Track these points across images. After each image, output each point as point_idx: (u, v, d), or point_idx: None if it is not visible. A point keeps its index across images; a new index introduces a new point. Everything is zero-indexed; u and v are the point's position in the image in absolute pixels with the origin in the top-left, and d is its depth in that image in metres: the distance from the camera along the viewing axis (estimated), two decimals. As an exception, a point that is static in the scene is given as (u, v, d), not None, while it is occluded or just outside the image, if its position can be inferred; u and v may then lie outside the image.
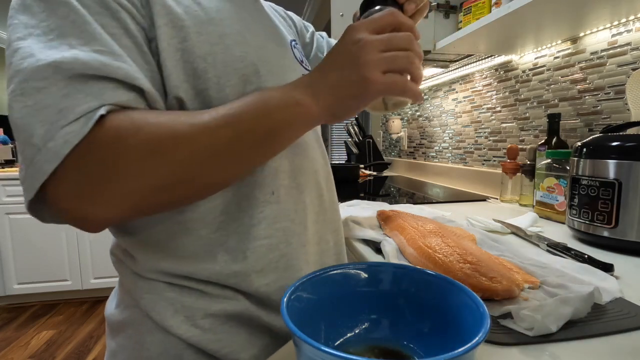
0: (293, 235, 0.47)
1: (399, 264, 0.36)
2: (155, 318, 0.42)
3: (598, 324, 0.38)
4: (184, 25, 0.39)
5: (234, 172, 0.39)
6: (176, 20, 0.38)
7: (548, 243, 0.63)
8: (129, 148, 0.32)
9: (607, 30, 0.88)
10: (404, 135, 2.12)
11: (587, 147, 0.67)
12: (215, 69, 0.40)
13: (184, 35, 0.38)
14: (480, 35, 1.00)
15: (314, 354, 0.22)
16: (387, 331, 0.34)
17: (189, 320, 0.42)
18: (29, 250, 2.30)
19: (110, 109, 0.32)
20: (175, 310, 0.42)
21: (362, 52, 0.37)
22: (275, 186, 0.45)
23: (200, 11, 0.41)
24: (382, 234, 0.68)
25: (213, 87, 0.40)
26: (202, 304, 0.42)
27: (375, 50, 0.37)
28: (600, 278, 0.48)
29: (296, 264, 0.47)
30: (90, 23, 0.33)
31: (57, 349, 1.92)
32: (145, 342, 0.42)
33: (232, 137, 0.36)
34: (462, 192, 1.34)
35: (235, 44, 0.42)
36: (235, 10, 0.45)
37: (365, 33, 0.38)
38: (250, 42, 0.44)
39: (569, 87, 1.00)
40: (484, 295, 0.41)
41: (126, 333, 0.44)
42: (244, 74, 0.42)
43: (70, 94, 0.31)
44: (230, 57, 0.41)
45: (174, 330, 0.41)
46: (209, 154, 0.35)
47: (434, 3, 1.20)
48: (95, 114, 0.31)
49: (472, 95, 1.46)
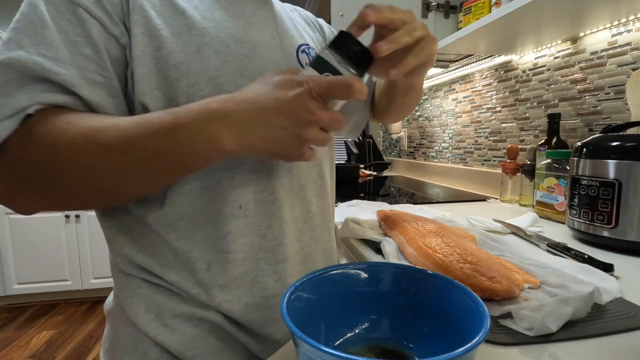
0: (264, 251, 0.46)
1: (399, 264, 0.36)
2: (128, 313, 0.44)
3: (598, 324, 0.38)
4: (160, 35, 0.40)
5: (137, 189, 0.39)
6: (153, 30, 0.39)
7: (548, 243, 0.63)
8: (39, 148, 0.34)
9: (607, 30, 0.88)
10: (404, 135, 2.12)
11: (587, 147, 0.67)
12: (188, 77, 0.40)
13: (159, 44, 0.40)
14: (480, 35, 1.00)
15: (314, 354, 0.22)
16: (387, 331, 0.34)
17: (159, 318, 0.43)
18: (29, 250, 2.30)
19: (39, 108, 0.35)
20: (147, 308, 0.44)
21: (308, 130, 0.36)
22: (243, 200, 0.44)
23: (182, 21, 0.41)
24: (382, 234, 0.68)
25: (183, 95, 0.40)
26: (172, 304, 0.44)
27: (317, 131, 0.37)
28: (600, 278, 0.48)
29: (263, 282, 0.45)
30: (48, 27, 0.35)
31: (57, 349, 1.92)
32: (119, 335, 0.46)
33: (129, 162, 0.35)
34: (462, 192, 1.34)
35: (214, 53, 0.42)
36: (225, 18, 0.45)
37: (318, 103, 0.35)
38: (234, 50, 0.44)
39: (569, 87, 1.00)
40: (484, 295, 0.41)
41: (110, 323, 0.49)
42: (217, 84, 0.42)
43: (8, 92, 0.34)
44: (205, 66, 0.41)
45: (143, 326, 0.43)
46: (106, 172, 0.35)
47: (434, 3, 1.20)
48: (25, 111, 0.34)
49: (472, 95, 1.46)
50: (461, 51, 1.21)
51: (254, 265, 0.45)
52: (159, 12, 0.40)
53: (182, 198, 0.43)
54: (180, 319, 0.44)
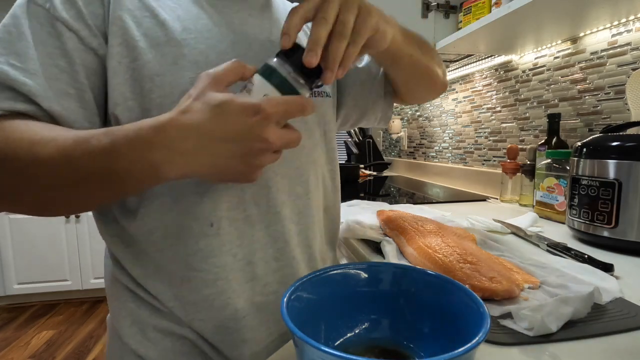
0: (236, 271, 0.44)
1: (399, 264, 0.36)
2: (115, 325, 0.46)
3: (598, 324, 0.38)
4: (137, 46, 0.39)
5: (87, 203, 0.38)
6: (130, 41, 0.39)
7: (548, 243, 0.63)
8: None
9: (607, 30, 0.88)
10: (404, 135, 2.12)
11: (587, 147, 0.67)
12: (162, 89, 0.40)
13: (136, 55, 0.39)
14: (480, 35, 1.00)
15: (314, 354, 0.22)
16: (387, 331, 0.34)
17: (142, 332, 0.44)
18: (29, 250, 2.30)
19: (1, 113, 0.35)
20: (132, 321, 0.45)
21: (259, 158, 0.34)
22: (215, 218, 0.42)
23: (161, 32, 0.40)
24: (382, 234, 0.68)
25: (155, 107, 0.40)
26: (154, 319, 0.44)
27: (269, 155, 0.35)
28: (600, 278, 0.48)
29: (234, 304, 0.44)
30: (24, 39, 0.37)
31: (57, 349, 1.92)
32: (110, 345, 0.48)
33: (65, 179, 0.34)
34: (462, 192, 1.34)
35: (191, 64, 0.41)
36: (210, 28, 0.43)
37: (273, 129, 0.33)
38: (213, 62, 0.41)
39: (569, 87, 1.00)
40: (484, 295, 0.41)
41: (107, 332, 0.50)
42: None
43: None
44: (180, 78, 0.40)
45: (127, 339, 0.44)
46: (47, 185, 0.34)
47: (434, 3, 1.20)
48: None
49: (472, 95, 1.46)
50: (461, 51, 1.21)
51: (226, 287, 0.43)
52: (139, 23, 0.40)
53: (153, 212, 0.42)
54: (162, 333, 0.44)
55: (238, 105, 0.32)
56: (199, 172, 0.34)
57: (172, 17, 0.42)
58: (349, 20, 0.36)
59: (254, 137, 0.33)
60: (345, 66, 0.37)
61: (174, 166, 0.32)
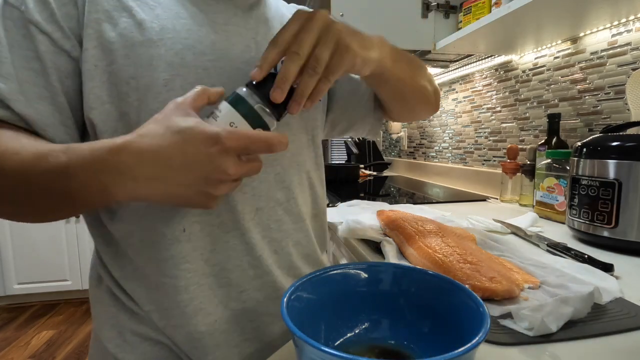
0: (208, 276, 0.43)
1: (399, 264, 0.36)
2: (96, 328, 0.46)
3: (598, 324, 0.38)
4: (113, 49, 0.38)
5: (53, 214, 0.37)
6: (106, 43, 0.38)
7: (548, 243, 0.63)
8: None
9: (607, 30, 0.88)
10: (404, 135, 2.12)
11: (587, 147, 0.67)
12: (138, 92, 0.39)
13: (112, 58, 0.39)
14: (480, 35, 1.00)
15: (314, 354, 0.22)
16: (387, 331, 0.34)
17: (121, 335, 0.44)
18: (29, 250, 2.30)
19: None
20: (112, 325, 0.45)
21: (217, 187, 0.33)
22: (187, 223, 0.42)
23: (137, 33, 0.39)
24: (382, 233, 0.68)
25: (133, 111, 0.39)
26: (132, 323, 0.44)
27: (228, 185, 0.34)
28: (600, 278, 0.48)
29: (206, 309, 0.43)
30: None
31: (57, 349, 1.92)
32: (91, 348, 0.48)
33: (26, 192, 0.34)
34: (462, 192, 1.34)
35: (167, 66, 0.39)
36: (189, 28, 0.42)
37: (232, 161, 0.32)
38: (190, 63, 0.41)
39: (569, 87, 1.00)
40: (484, 295, 0.41)
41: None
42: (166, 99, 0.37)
43: None
44: (155, 81, 0.39)
45: (106, 342, 0.44)
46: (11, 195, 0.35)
47: (434, 3, 1.20)
48: None
49: (472, 95, 1.46)
50: (461, 51, 1.21)
51: (197, 292, 0.43)
52: (115, 24, 0.39)
53: (130, 215, 0.42)
54: (140, 338, 0.44)
55: (199, 134, 0.31)
56: (150, 198, 0.34)
57: (150, 16, 0.40)
58: (323, 58, 0.35)
59: (213, 167, 0.32)
60: (314, 100, 0.37)
61: (124, 190, 0.32)
